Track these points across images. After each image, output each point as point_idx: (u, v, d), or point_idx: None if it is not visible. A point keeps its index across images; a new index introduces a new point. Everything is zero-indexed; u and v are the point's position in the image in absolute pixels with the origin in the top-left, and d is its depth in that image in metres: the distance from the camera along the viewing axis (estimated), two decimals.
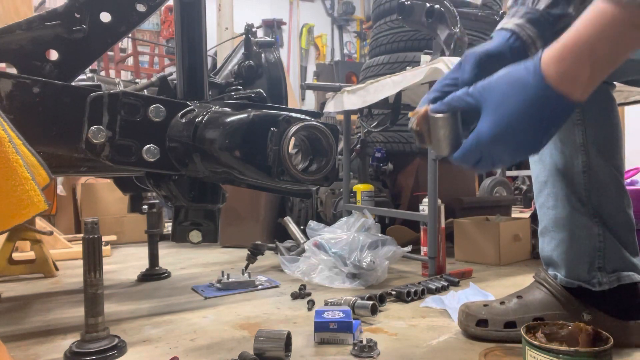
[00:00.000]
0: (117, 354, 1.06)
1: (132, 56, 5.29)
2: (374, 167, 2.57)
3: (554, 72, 0.67)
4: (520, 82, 0.69)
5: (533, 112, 0.68)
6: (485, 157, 0.74)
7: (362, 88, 2.12)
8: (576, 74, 0.67)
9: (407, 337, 1.14)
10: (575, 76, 0.67)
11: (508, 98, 0.70)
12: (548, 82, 0.67)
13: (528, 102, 0.68)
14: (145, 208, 1.90)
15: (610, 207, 1.05)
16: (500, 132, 0.70)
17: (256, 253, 1.87)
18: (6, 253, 1.88)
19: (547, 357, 0.79)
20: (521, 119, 0.69)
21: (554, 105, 0.68)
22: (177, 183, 1.18)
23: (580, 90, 0.67)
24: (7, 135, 0.76)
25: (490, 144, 0.71)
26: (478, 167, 0.76)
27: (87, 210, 2.89)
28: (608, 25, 0.64)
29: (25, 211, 0.77)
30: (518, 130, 0.69)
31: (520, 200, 4.73)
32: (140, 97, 1.09)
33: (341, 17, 8.48)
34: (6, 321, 1.37)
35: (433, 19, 1.84)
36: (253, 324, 1.28)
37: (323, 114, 2.73)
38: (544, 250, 1.13)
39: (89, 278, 1.03)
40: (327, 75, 6.70)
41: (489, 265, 1.99)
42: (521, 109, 0.69)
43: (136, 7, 1.18)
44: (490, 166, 0.76)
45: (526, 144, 0.71)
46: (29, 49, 1.10)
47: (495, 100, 0.71)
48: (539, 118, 0.69)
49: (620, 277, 1.02)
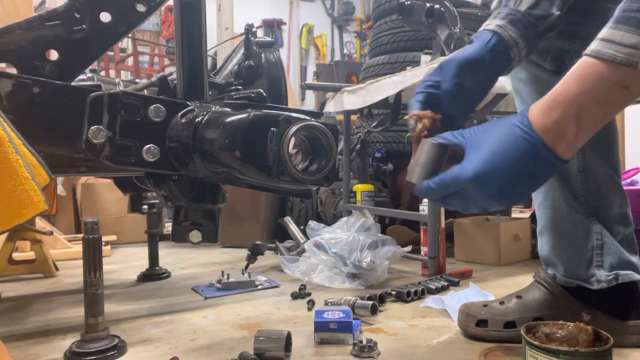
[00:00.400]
0: (117, 354, 1.06)
1: (132, 56, 5.29)
2: (374, 167, 2.57)
3: (541, 123, 0.68)
4: (510, 128, 0.70)
5: (519, 159, 0.68)
6: (460, 195, 0.73)
7: (362, 88, 2.12)
8: (562, 127, 0.67)
9: (407, 337, 1.14)
10: (561, 130, 0.67)
11: (496, 142, 0.70)
12: (534, 131, 0.67)
13: (516, 147, 0.69)
14: (145, 208, 1.90)
15: (607, 206, 1.05)
16: (485, 173, 0.69)
17: (256, 253, 1.87)
18: (6, 253, 1.88)
19: (547, 357, 0.79)
20: (507, 163, 0.69)
21: (539, 154, 0.68)
22: (177, 183, 1.18)
23: (564, 145, 0.68)
24: (7, 135, 0.76)
25: (471, 182, 0.70)
26: (446, 203, 0.75)
27: (87, 210, 2.89)
28: (593, 82, 0.65)
29: (25, 211, 0.77)
30: (502, 175, 0.69)
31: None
32: (140, 97, 1.09)
33: (341, 17, 8.48)
34: (6, 321, 1.37)
35: (433, 19, 1.84)
36: (253, 324, 1.28)
37: (323, 114, 2.73)
38: (542, 250, 1.13)
39: (89, 278, 1.03)
40: (327, 75, 6.69)
41: (489, 265, 1.99)
42: (509, 154, 0.69)
43: (136, 7, 1.18)
44: (461, 205, 0.75)
45: (506, 192, 0.70)
46: (29, 49, 1.10)
47: (484, 143, 0.71)
48: (523, 166, 0.69)
49: (618, 276, 1.02)
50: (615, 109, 0.67)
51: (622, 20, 0.65)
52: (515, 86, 1.14)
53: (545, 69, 1.05)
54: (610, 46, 0.64)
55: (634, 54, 0.62)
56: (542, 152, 0.68)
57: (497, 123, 0.72)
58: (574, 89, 0.66)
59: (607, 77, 0.64)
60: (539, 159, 0.68)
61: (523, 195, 0.72)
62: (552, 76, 1.05)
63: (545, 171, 0.70)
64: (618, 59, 0.63)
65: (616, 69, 0.63)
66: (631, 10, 0.64)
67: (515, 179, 0.70)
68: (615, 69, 0.63)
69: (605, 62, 0.64)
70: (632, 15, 0.64)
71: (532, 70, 1.07)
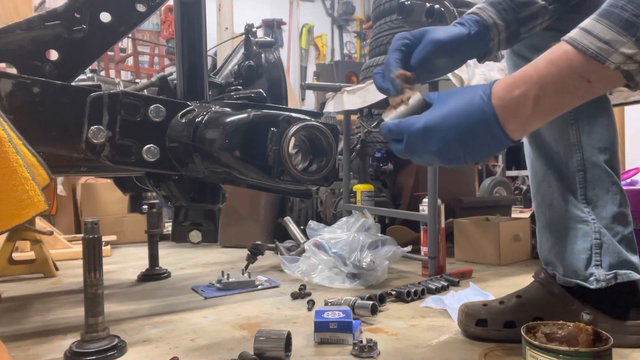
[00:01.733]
0: (117, 354, 1.06)
1: (132, 56, 5.29)
2: (374, 167, 2.57)
3: (500, 96, 0.69)
4: (472, 95, 0.72)
5: (468, 125, 0.71)
6: (408, 143, 0.75)
7: (362, 88, 2.12)
8: (519, 106, 0.68)
9: (407, 337, 1.14)
10: (517, 108, 0.68)
11: (455, 104, 0.72)
12: (492, 104, 0.69)
13: (469, 114, 0.71)
14: (145, 208, 1.90)
15: (606, 205, 1.05)
16: (433, 128, 0.72)
17: (256, 253, 1.87)
18: (6, 253, 1.88)
19: (547, 357, 0.79)
20: (455, 125, 0.71)
21: (488, 126, 0.70)
22: (177, 183, 1.18)
23: (516, 124, 0.69)
24: (7, 135, 0.76)
25: (419, 132, 0.73)
26: (395, 148, 0.78)
27: (87, 210, 2.89)
28: (560, 68, 0.66)
29: (25, 211, 0.77)
30: (447, 135, 0.72)
31: (520, 200, 4.74)
32: (140, 97, 1.09)
33: (341, 17, 8.48)
34: (6, 321, 1.37)
35: (433, 19, 1.84)
36: (253, 324, 1.28)
37: (323, 114, 2.73)
38: (541, 250, 1.13)
39: (89, 278, 1.03)
40: (327, 75, 6.70)
41: (489, 265, 1.99)
42: (460, 117, 0.71)
43: (136, 7, 1.18)
44: (406, 153, 0.77)
45: (446, 152, 0.73)
46: (29, 49, 1.10)
47: (447, 103, 0.74)
48: (470, 133, 0.71)
49: (617, 275, 1.02)
50: (574, 100, 0.68)
51: (605, 14, 0.65)
52: None
53: None
54: (586, 37, 0.64)
55: (605, 50, 0.63)
56: (491, 125, 0.69)
57: (467, 88, 0.75)
58: (541, 70, 0.67)
59: (574, 66, 0.65)
60: (487, 131, 0.70)
61: (462, 160, 0.74)
62: None
63: (489, 144, 0.72)
64: (589, 51, 0.63)
65: (585, 61, 0.64)
66: (616, 7, 0.64)
67: (458, 142, 0.72)
68: (585, 60, 0.64)
69: (577, 51, 0.64)
70: (616, 11, 0.64)
71: None
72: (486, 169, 5.09)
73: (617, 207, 1.05)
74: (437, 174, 1.76)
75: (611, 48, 0.62)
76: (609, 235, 1.04)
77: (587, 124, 1.05)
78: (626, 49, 0.62)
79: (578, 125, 1.05)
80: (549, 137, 1.08)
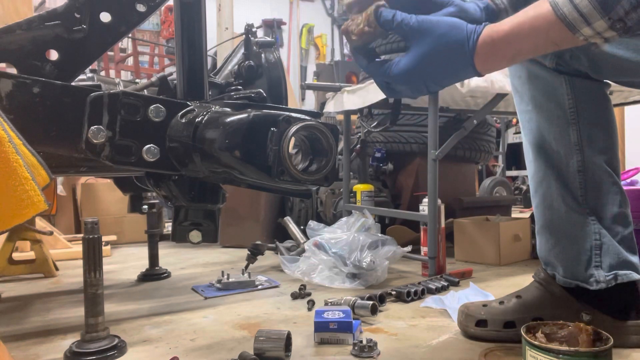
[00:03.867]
0: (117, 354, 1.06)
1: (132, 56, 5.29)
2: (374, 167, 2.57)
3: (484, 51, 0.72)
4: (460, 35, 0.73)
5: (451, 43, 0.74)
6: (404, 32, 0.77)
7: (362, 88, 2.12)
8: (495, 60, 0.73)
9: (407, 337, 1.14)
10: (492, 60, 0.73)
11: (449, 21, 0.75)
12: (476, 46, 0.73)
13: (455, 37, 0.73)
14: (145, 208, 1.90)
15: (606, 205, 1.05)
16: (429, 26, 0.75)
17: (256, 253, 1.87)
18: (6, 253, 1.88)
19: (547, 357, 0.79)
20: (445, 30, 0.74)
21: (464, 57, 0.73)
22: (177, 183, 1.18)
23: (483, 67, 0.73)
24: (7, 135, 0.76)
25: (404, 74, 0.77)
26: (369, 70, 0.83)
27: (87, 210, 2.89)
28: (538, 28, 0.69)
29: (25, 211, 0.77)
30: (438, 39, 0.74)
31: (520, 200, 4.74)
32: (140, 97, 1.09)
33: (341, 17, 8.47)
34: (6, 321, 1.37)
35: None
36: (253, 324, 1.28)
37: (323, 114, 2.73)
38: (541, 250, 1.13)
39: (89, 278, 1.03)
40: (327, 75, 6.70)
41: (489, 265, 1.99)
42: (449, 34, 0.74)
43: (136, 7, 1.17)
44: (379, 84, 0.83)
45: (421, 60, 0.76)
46: (29, 49, 1.10)
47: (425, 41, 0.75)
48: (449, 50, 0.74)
49: (617, 276, 1.02)
50: (538, 54, 0.75)
51: None
52: (514, 84, 1.14)
53: (545, 66, 1.05)
54: (567, 5, 0.66)
55: (579, 22, 0.65)
56: (467, 60, 0.73)
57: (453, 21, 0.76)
58: (524, 35, 0.70)
59: (551, 34, 0.68)
60: (462, 60, 0.74)
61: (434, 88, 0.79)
62: (552, 74, 1.05)
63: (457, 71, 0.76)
64: (566, 20, 0.66)
65: (559, 27, 0.66)
66: None
67: (435, 53, 0.75)
68: (559, 26, 0.66)
69: (556, 18, 0.66)
70: None
71: (531, 68, 1.07)
72: (486, 169, 5.10)
73: (617, 207, 1.05)
74: (437, 174, 1.76)
75: (585, 22, 0.65)
76: (608, 236, 1.04)
77: (588, 124, 1.05)
78: (598, 25, 0.64)
79: (579, 126, 1.04)
80: (549, 137, 1.07)
